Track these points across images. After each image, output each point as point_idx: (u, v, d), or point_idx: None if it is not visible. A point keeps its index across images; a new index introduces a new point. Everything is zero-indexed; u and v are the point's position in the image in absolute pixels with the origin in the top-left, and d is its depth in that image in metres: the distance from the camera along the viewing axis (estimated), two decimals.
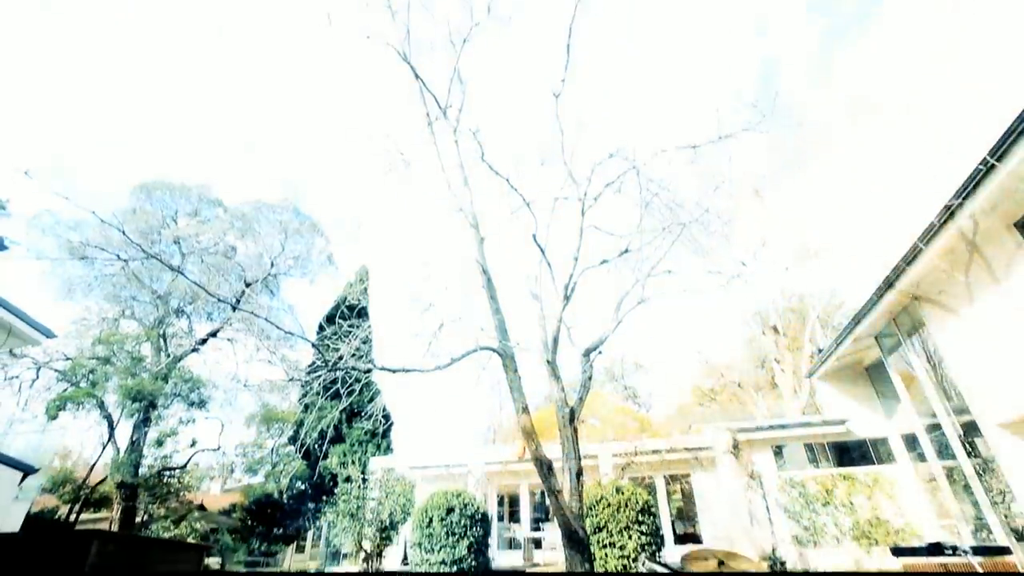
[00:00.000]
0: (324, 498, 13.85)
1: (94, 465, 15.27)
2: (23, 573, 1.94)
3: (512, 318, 7.18)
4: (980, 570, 1.88)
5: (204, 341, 17.83)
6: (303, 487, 18.22)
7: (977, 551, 1.99)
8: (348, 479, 10.89)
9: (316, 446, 13.57)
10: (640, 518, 9.68)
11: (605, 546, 9.45)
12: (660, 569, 3.24)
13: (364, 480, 11.15)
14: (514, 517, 16.74)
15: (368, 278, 23.64)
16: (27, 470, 7.28)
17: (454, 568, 9.87)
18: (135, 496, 14.72)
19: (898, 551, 2.26)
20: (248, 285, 18.33)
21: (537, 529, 14.91)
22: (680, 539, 14.12)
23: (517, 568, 11.22)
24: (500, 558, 13.02)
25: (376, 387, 20.03)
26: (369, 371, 7.12)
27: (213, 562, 16.56)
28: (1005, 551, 2.11)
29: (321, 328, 21.62)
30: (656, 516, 10.22)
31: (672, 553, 11.58)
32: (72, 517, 14.52)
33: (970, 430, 9.40)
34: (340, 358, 7.10)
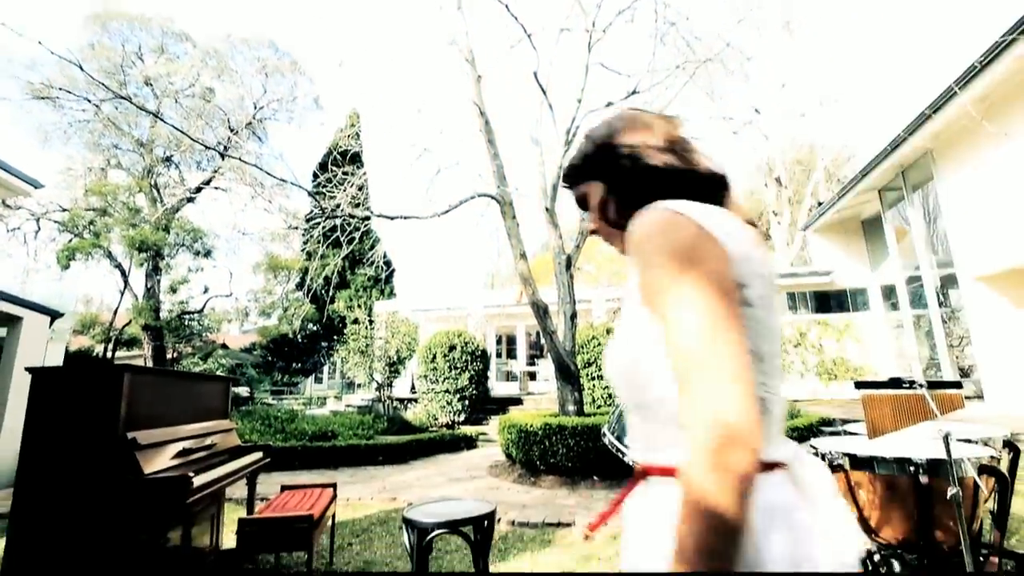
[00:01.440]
0: (335, 337, 14.95)
1: (117, 309, 16.15)
2: (65, 402, 2.14)
3: (511, 164, 6.96)
4: (931, 402, 2.10)
5: (199, 190, 17.50)
6: (315, 328, 19.56)
7: (932, 385, 2.19)
8: (356, 321, 11.61)
9: (322, 291, 14.21)
10: None
11: (593, 378, 10.49)
12: None
13: (371, 321, 11.89)
14: (511, 354, 18.31)
15: (359, 122, 22.36)
16: (53, 314, 7.67)
17: (456, 396, 11.08)
18: (161, 337, 15.85)
19: (860, 384, 2.49)
20: (234, 131, 17.39)
21: (532, 364, 16.43)
22: None
23: (513, 396, 12.58)
24: (498, 388, 14.55)
25: (376, 235, 20.29)
26: (367, 219, 7.12)
27: (241, 391, 18.51)
28: (956, 385, 2.33)
29: (315, 176, 21.11)
30: None
31: None
32: (108, 355, 15.83)
33: (947, 282, 9.85)
34: (337, 206, 7.04)
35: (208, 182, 17.57)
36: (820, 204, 17.73)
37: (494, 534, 2.05)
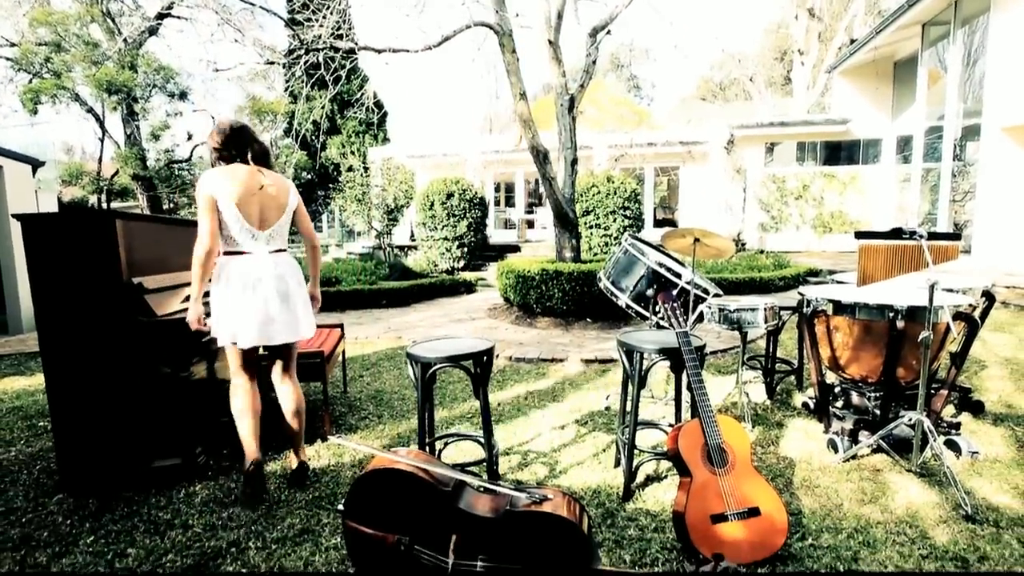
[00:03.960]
0: (331, 186, 14.61)
1: (100, 157, 15.52)
2: (61, 249, 2.13)
3: None
4: (927, 254, 2.12)
5: (161, 18, 15.51)
6: (309, 177, 19.02)
7: (932, 236, 2.19)
8: (350, 168, 11.24)
9: (312, 137, 13.52)
10: (626, 204, 10.52)
11: (591, 227, 10.57)
12: (641, 244, 3.63)
13: (365, 169, 11.52)
14: (509, 202, 18.20)
15: None
16: (33, 162, 7.35)
17: (455, 243, 11.25)
18: (153, 187, 15.47)
19: (860, 234, 2.50)
20: None
21: (530, 212, 16.42)
22: (658, 223, 15.72)
23: (511, 243, 12.79)
24: (496, 236, 14.73)
25: (364, 74, 18.67)
26: (352, 51, 6.45)
27: None
28: (955, 237, 2.34)
29: (289, 0, 18.62)
30: (641, 203, 11.08)
31: (651, 234, 13.08)
32: (104, 207, 15.63)
33: (968, 134, 9.39)
34: (318, 37, 6.31)
35: (170, 7, 15.50)
36: (853, 42, 15.98)
37: (492, 367, 2.23)
